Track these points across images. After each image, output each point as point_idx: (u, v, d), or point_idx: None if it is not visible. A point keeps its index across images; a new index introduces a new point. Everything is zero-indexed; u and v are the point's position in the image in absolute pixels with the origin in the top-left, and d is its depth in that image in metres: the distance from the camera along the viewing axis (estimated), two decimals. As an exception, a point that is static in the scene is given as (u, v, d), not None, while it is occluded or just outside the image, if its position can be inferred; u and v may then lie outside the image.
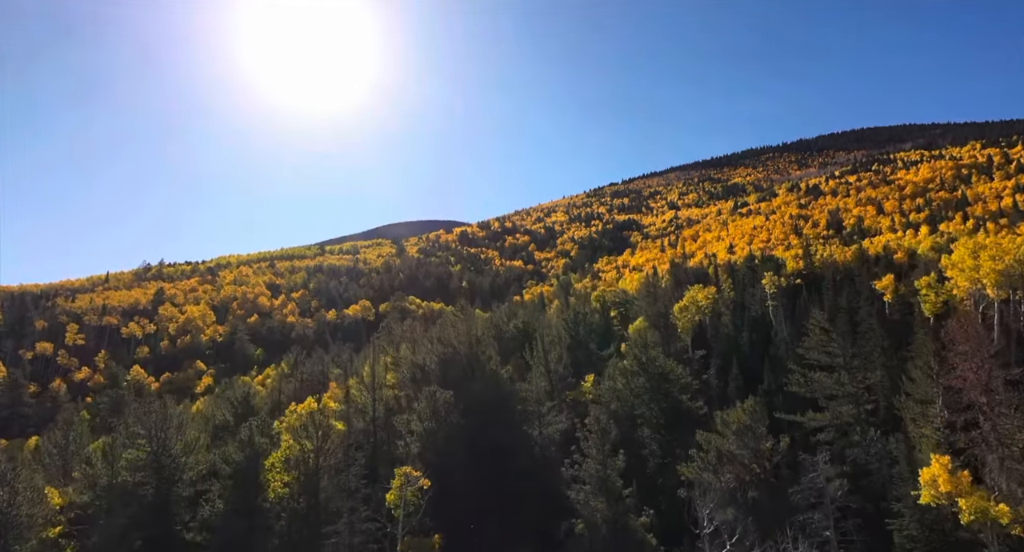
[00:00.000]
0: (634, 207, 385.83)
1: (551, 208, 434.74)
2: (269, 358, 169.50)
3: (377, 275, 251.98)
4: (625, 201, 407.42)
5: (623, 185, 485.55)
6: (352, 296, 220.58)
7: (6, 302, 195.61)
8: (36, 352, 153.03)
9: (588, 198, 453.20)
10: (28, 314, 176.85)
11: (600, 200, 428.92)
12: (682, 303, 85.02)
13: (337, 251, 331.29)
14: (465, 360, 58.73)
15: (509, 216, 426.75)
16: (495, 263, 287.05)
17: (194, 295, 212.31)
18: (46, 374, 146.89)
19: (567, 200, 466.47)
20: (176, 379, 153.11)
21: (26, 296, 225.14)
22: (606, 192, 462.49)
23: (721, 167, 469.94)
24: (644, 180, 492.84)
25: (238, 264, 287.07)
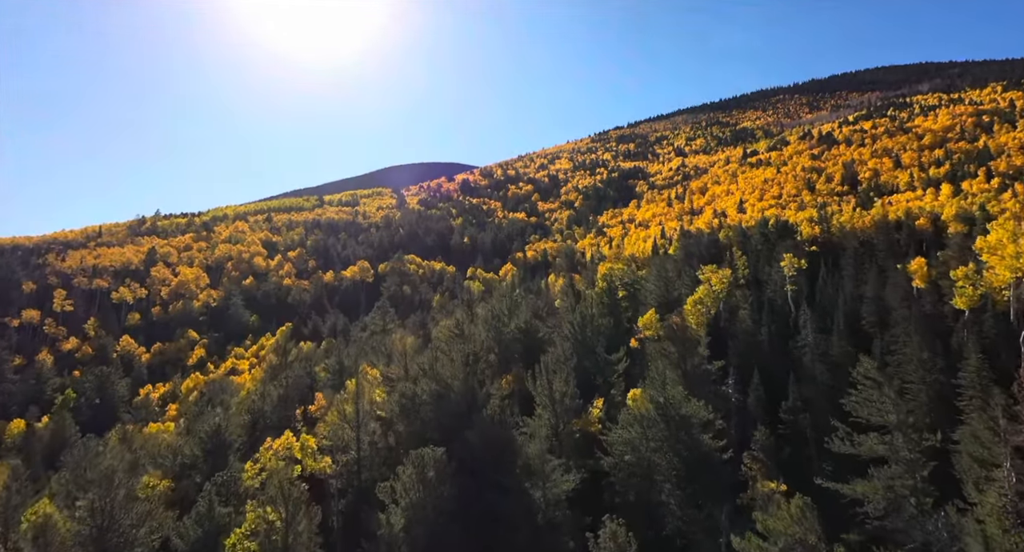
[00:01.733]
0: (640, 153, 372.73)
1: (555, 154, 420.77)
2: (264, 324, 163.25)
3: (377, 230, 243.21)
4: (631, 147, 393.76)
5: (629, 129, 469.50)
6: (351, 254, 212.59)
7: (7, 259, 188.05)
8: (23, 320, 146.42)
9: (593, 143, 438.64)
10: (15, 276, 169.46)
11: (605, 145, 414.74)
12: (696, 295, 77.28)
13: (336, 202, 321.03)
14: (461, 399, 51.35)
15: (512, 162, 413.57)
16: (498, 215, 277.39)
17: (188, 254, 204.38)
18: (32, 344, 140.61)
19: (572, 145, 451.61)
20: (167, 350, 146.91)
21: (17, 251, 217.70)
22: (611, 137, 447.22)
23: (729, 110, 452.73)
24: (650, 124, 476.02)
25: (235, 217, 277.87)
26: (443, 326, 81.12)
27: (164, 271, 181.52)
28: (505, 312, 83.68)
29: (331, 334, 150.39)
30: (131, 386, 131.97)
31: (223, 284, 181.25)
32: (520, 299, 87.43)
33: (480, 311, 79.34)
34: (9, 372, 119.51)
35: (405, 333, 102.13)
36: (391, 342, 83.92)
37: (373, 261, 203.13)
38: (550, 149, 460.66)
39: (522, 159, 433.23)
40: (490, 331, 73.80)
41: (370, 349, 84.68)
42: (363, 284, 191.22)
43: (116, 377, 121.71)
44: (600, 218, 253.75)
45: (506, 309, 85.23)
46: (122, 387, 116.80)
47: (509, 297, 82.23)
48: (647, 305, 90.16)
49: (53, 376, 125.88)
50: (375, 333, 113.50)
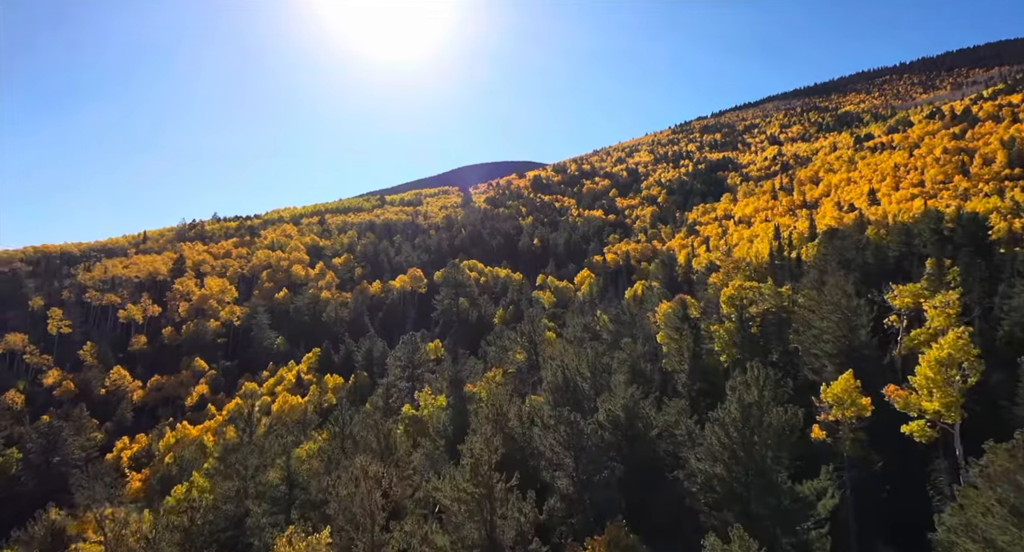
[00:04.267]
0: (728, 144, 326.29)
1: (633, 147, 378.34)
2: (292, 348, 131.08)
3: (436, 232, 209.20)
4: (717, 137, 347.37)
5: (713, 119, 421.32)
6: (404, 260, 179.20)
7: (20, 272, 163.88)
8: (8, 345, 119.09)
9: (674, 134, 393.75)
10: (21, 291, 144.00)
11: (688, 136, 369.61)
12: (938, 351, 37.95)
13: (398, 201, 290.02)
14: None
15: (587, 157, 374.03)
16: (572, 213, 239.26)
17: (223, 262, 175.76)
18: (8, 378, 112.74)
19: (651, 137, 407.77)
20: (167, 385, 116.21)
21: (56, 259, 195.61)
22: (694, 127, 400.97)
23: (828, 94, 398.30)
24: (737, 112, 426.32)
25: (291, 218, 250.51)
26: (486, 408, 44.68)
27: (189, 283, 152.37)
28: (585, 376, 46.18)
29: (365, 365, 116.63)
30: (111, 435, 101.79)
31: (254, 297, 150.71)
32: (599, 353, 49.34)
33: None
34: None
35: (429, 393, 66.26)
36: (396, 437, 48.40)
37: (428, 268, 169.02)
38: (627, 142, 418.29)
39: (597, 153, 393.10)
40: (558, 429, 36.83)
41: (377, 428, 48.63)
42: (414, 296, 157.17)
43: (78, 428, 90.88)
44: (689, 215, 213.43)
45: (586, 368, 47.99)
46: (75, 446, 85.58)
47: (588, 357, 44.60)
48: (814, 355, 52.54)
49: (11, 423, 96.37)
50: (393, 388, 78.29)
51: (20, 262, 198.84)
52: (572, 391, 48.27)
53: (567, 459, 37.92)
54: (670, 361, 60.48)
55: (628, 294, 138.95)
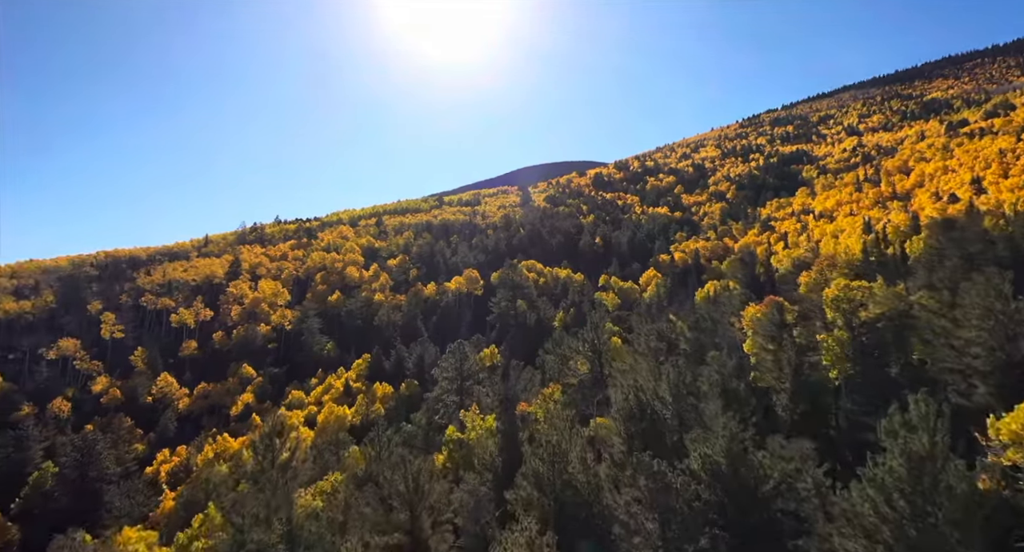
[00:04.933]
0: (801, 136, 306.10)
1: (698, 142, 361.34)
2: (342, 354, 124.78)
3: (493, 232, 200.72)
4: (788, 129, 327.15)
5: (784, 111, 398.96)
6: (460, 261, 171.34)
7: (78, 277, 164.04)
8: (61, 350, 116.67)
9: (742, 128, 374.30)
10: (82, 295, 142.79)
11: (757, 130, 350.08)
12: None
13: (456, 202, 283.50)
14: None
15: (650, 154, 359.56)
16: (635, 211, 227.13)
17: (279, 265, 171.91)
18: (59, 385, 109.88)
19: (717, 132, 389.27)
20: (213, 394, 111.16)
21: (121, 264, 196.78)
22: (763, 120, 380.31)
23: (910, 80, 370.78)
24: (810, 103, 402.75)
25: (349, 220, 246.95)
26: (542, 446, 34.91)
27: (243, 286, 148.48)
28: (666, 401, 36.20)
29: (416, 372, 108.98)
30: (153, 446, 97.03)
31: (307, 300, 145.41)
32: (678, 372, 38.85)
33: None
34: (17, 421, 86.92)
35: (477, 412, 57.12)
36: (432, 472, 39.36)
37: (485, 269, 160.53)
38: (692, 138, 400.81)
39: (660, 150, 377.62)
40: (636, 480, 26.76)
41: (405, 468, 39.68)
42: (470, 298, 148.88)
43: (116, 440, 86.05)
44: (762, 210, 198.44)
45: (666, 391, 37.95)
46: (110, 459, 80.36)
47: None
48: (958, 373, 41.26)
49: (54, 433, 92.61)
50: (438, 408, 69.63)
51: (89, 266, 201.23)
52: (649, 420, 38.21)
53: (649, 523, 27.92)
54: (763, 376, 49.67)
55: (699, 295, 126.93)
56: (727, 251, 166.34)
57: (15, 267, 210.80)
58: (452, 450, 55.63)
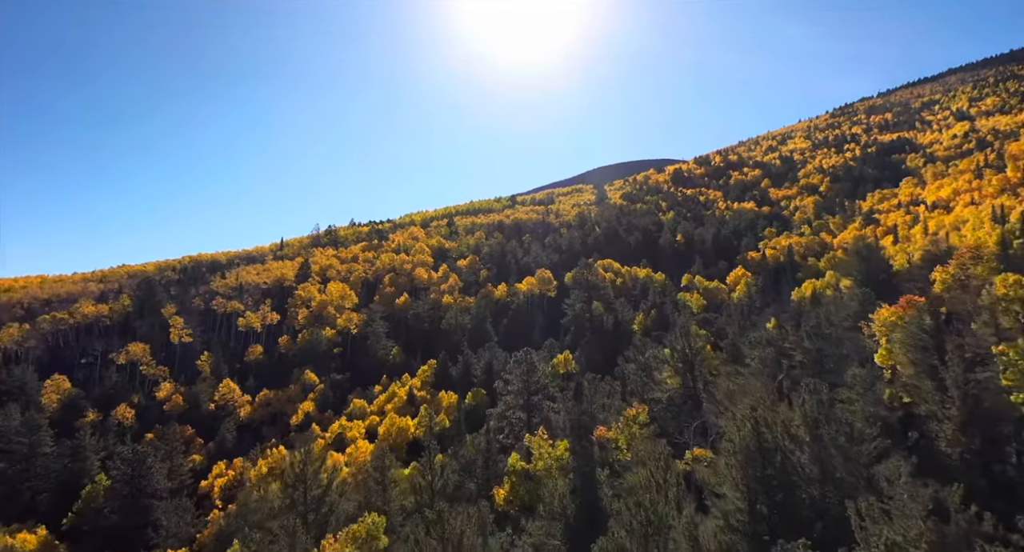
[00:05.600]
0: (903, 123, 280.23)
1: (785, 134, 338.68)
2: (408, 358, 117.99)
3: (568, 230, 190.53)
4: (887, 117, 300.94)
5: (880, 98, 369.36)
6: (533, 261, 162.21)
7: (153, 281, 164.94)
8: (130, 355, 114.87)
9: (833, 118, 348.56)
10: (157, 298, 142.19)
11: (851, 119, 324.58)
12: None
13: (530, 201, 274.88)
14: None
15: (733, 148, 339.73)
16: (718, 206, 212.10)
17: (348, 267, 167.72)
18: (126, 390, 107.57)
19: (805, 123, 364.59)
20: (274, 401, 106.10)
21: (202, 268, 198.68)
22: (857, 109, 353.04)
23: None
24: (911, 89, 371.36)
25: (421, 222, 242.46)
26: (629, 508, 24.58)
27: (311, 288, 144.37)
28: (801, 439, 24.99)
29: (485, 380, 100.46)
30: (211, 457, 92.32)
31: (375, 303, 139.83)
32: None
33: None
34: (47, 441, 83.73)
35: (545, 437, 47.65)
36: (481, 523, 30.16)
37: (558, 269, 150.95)
38: (777, 130, 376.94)
39: (744, 144, 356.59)
40: None
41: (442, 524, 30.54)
42: (543, 300, 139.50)
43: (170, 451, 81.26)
44: (862, 203, 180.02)
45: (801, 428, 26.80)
46: (160, 475, 75.36)
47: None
48: None
49: (114, 442, 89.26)
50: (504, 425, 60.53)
51: (171, 271, 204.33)
52: (779, 467, 27.53)
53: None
54: (914, 398, 38.06)
55: (795, 295, 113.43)
56: (824, 247, 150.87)
57: (106, 272, 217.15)
58: (515, 483, 46.32)
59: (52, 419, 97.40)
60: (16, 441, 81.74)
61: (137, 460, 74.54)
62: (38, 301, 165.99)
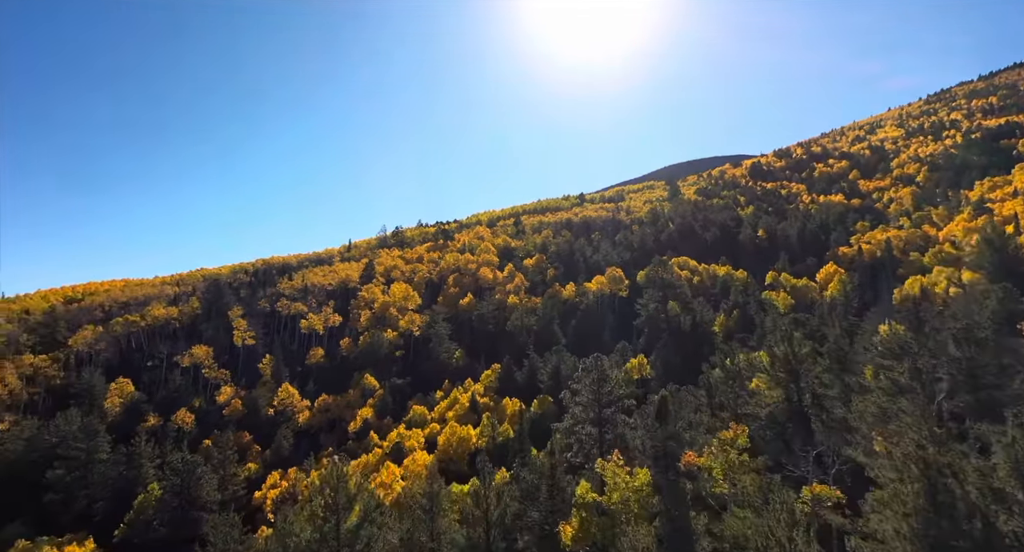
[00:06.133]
0: (1010, 107, 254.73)
1: (874, 123, 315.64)
2: (471, 362, 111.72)
3: (639, 227, 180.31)
4: (991, 101, 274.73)
5: (982, 81, 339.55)
6: (602, 259, 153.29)
7: (221, 283, 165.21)
8: (194, 358, 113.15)
9: (927, 105, 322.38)
10: (224, 301, 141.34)
11: (949, 105, 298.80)
12: None
13: (599, 199, 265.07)
14: None
15: (816, 140, 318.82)
16: (802, 200, 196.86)
17: (413, 268, 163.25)
18: (188, 394, 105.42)
19: (896, 112, 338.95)
20: (333, 407, 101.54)
21: (272, 271, 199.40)
22: (956, 94, 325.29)
23: None
24: (1017, 71, 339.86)
25: (488, 221, 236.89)
26: None
27: (375, 289, 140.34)
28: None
29: (552, 386, 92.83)
30: (268, 465, 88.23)
31: (438, 304, 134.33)
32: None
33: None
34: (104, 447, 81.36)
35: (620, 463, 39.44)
36: None
37: (630, 267, 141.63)
38: (863, 120, 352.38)
39: (826, 136, 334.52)
40: None
41: None
42: (613, 300, 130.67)
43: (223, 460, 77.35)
44: (970, 192, 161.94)
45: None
46: (210, 487, 71.22)
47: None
48: None
49: (171, 448, 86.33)
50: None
51: (243, 273, 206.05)
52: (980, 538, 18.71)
53: None
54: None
55: (897, 294, 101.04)
56: (928, 240, 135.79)
57: (184, 275, 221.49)
58: (585, 519, 38.43)
59: (114, 424, 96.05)
60: (74, 447, 79.84)
61: (187, 470, 70.74)
62: (117, 304, 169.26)
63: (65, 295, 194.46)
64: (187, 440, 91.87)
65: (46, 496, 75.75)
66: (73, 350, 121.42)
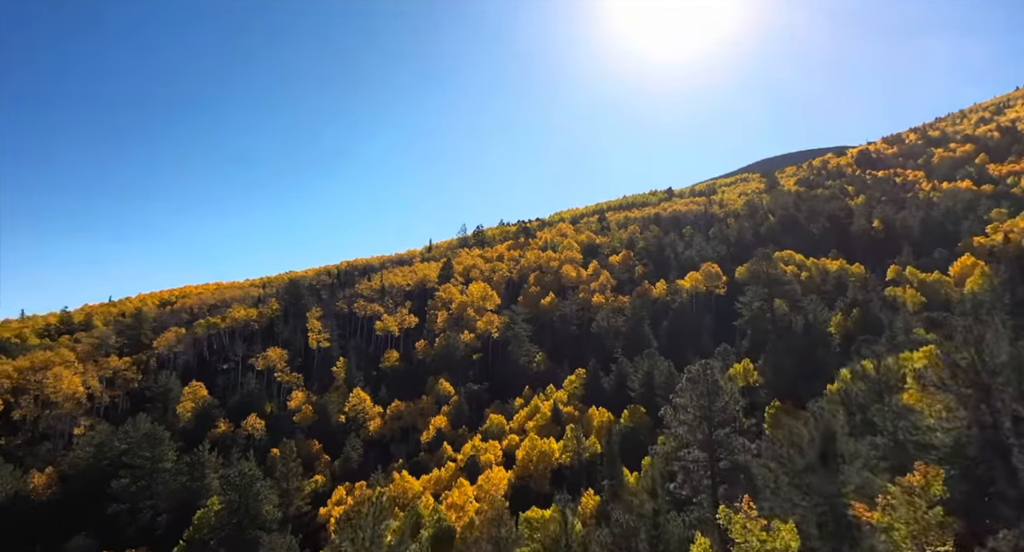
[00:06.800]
0: None
1: (1001, 103, 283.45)
2: (553, 365, 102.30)
3: (735, 221, 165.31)
4: None
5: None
6: (696, 254, 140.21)
7: (300, 284, 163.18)
8: (268, 360, 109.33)
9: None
10: (302, 303, 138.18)
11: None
12: None
13: (688, 193, 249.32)
14: None
15: (932, 124, 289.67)
16: (921, 187, 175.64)
17: (492, 266, 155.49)
18: (260, 398, 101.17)
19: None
20: (406, 414, 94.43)
21: (355, 272, 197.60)
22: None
23: None
24: None
25: (571, 219, 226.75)
26: None
27: (453, 289, 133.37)
28: None
29: (644, 394, 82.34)
30: (336, 478, 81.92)
31: (516, 305, 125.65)
32: None
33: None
34: (168, 455, 77.23)
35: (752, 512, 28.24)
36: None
37: (727, 263, 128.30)
38: (987, 101, 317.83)
39: (942, 120, 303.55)
40: None
41: None
42: (710, 299, 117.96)
43: (287, 474, 71.27)
44: None
45: None
46: (271, 503, 65.04)
47: None
48: None
49: (238, 457, 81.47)
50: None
51: (327, 275, 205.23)
52: None
53: None
54: None
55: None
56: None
57: (271, 278, 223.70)
58: (704, 591, 28.18)
59: (185, 429, 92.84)
60: (139, 455, 76.13)
61: (245, 484, 64.82)
62: (205, 306, 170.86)
63: (161, 298, 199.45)
64: (256, 448, 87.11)
65: (110, 506, 72.04)
66: (155, 352, 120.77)
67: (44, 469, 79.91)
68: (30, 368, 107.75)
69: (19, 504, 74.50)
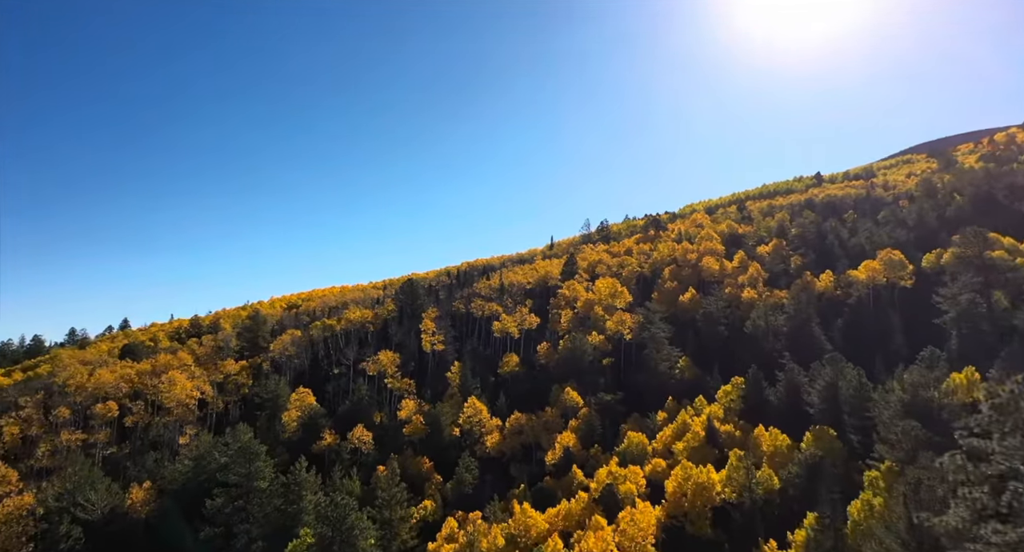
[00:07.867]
0: None
1: None
2: (701, 372, 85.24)
3: (911, 203, 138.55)
4: None
5: None
6: (863, 242, 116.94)
7: (416, 284, 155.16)
8: (380, 365, 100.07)
9: None
10: (419, 303, 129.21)
11: None
12: None
13: (841, 177, 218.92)
14: None
15: None
16: None
17: (620, 261, 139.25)
18: (370, 406, 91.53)
19: None
20: (527, 428, 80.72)
21: (474, 272, 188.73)
22: None
23: None
24: None
25: (705, 210, 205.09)
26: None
27: (577, 286, 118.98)
28: None
29: (828, 409, 64.04)
30: (447, 504, 69.88)
31: (650, 302, 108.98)
32: None
33: None
34: (264, 473, 68.44)
35: None
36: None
37: (908, 250, 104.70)
38: None
39: None
40: None
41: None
42: (892, 292, 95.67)
43: (391, 500, 59.90)
44: None
45: None
46: (370, 537, 53.66)
47: None
48: None
49: (341, 475, 71.50)
50: None
51: (446, 276, 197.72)
52: None
53: None
54: None
55: None
56: None
57: (392, 280, 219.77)
58: None
59: (290, 440, 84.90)
60: (235, 471, 67.98)
61: (339, 517, 53.94)
62: (326, 309, 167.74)
63: (288, 301, 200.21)
64: (361, 464, 77.21)
65: (204, 530, 63.99)
66: (269, 355, 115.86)
67: (144, 482, 73.92)
68: (150, 372, 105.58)
69: (116, 521, 68.66)
